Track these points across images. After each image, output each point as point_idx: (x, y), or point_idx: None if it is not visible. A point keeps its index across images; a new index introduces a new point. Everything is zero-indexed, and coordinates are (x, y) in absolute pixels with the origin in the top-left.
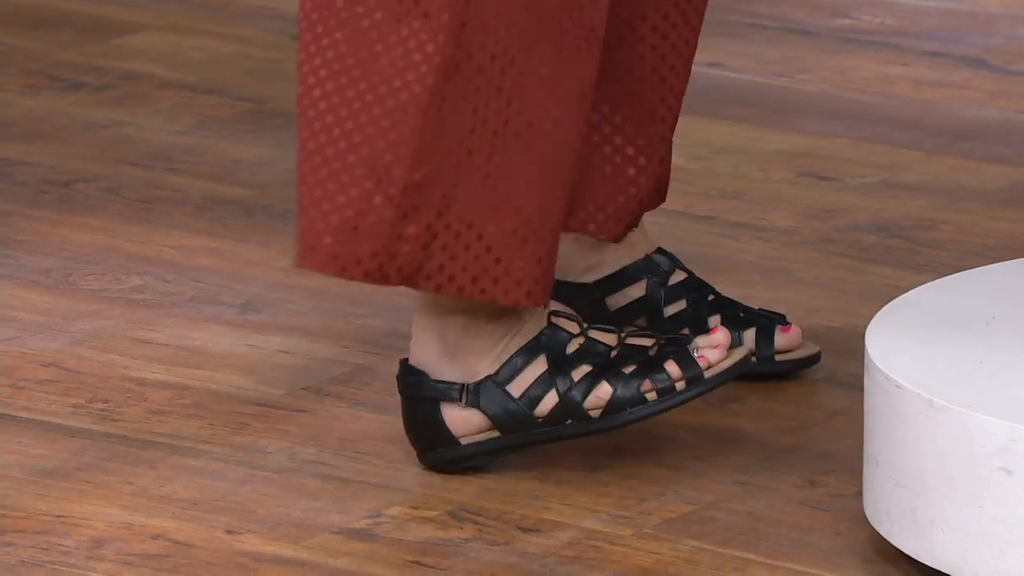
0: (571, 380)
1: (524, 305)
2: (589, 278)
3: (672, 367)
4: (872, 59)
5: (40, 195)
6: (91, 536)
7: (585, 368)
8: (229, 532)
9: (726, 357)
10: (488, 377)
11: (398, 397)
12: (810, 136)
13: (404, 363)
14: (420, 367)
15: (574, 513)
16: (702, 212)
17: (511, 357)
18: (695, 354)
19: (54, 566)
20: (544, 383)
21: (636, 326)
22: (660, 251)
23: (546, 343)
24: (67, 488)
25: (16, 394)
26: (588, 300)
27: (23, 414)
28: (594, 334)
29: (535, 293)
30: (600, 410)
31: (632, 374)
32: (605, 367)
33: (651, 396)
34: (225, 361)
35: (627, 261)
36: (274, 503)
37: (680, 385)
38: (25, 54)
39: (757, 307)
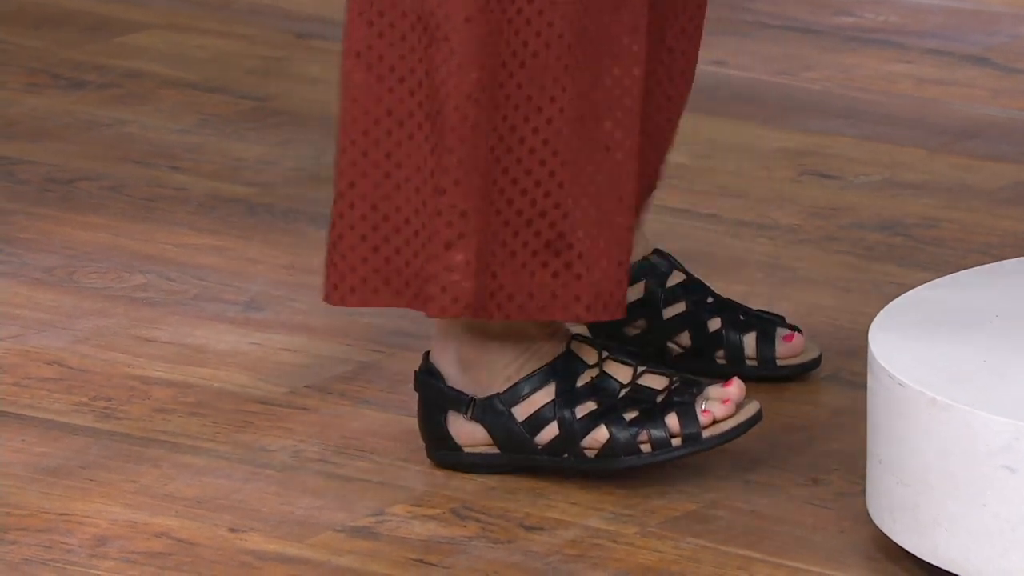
0: (574, 416)
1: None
2: None
3: (672, 421)
4: (875, 57)
5: (43, 193)
6: (94, 534)
7: (590, 405)
8: (232, 530)
9: (732, 414)
10: (496, 395)
11: (401, 395)
12: (813, 134)
13: (426, 358)
14: (438, 368)
15: (577, 511)
16: (705, 210)
17: (521, 380)
18: (701, 407)
19: (57, 564)
20: (548, 413)
21: (636, 327)
22: (658, 252)
23: (559, 371)
24: (70, 486)
25: (19, 392)
26: None
27: (26, 412)
28: (609, 367)
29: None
30: (596, 451)
31: (632, 422)
32: (609, 409)
33: (646, 448)
34: (228, 359)
35: None
36: (277, 501)
37: (676, 441)
38: (28, 52)
39: (757, 308)
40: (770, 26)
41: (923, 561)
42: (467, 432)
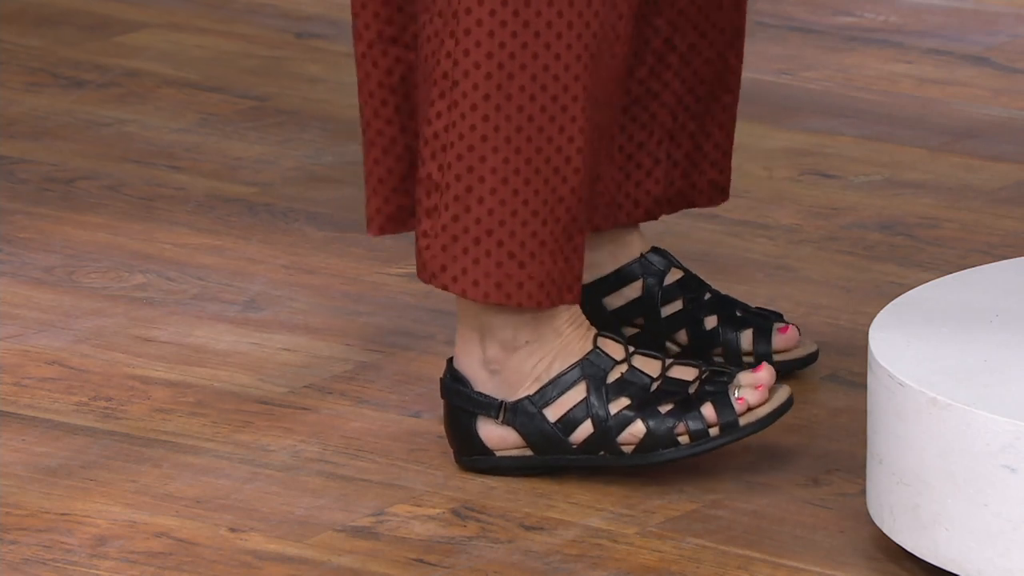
0: (608, 412)
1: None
2: (586, 279)
3: (708, 411)
4: (875, 57)
5: (42, 193)
6: (94, 534)
7: (623, 401)
8: (232, 530)
9: (766, 400)
10: (526, 397)
11: (401, 395)
12: (814, 134)
13: (450, 364)
14: (463, 373)
15: (578, 511)
16: (705, 210)
17: (551, 380)
18: (734, 395)
19: (57, 564)
20: (581, 411)
21: (634, 325)
22: (655, 250)
23: (588, 369)
24: (70, 486)
25: (19, 392)
26: (585, 301)
27: (26, 412)
28: (638, 362)
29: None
30: (633, 447)
31: (667, 414)
32: (643, 403)
33: (684, 440)
34: (228, 359)
35: (623, 261)
36: (277, 501)
37: (714, 431)
38: (28, 52)
39: (755, 306)
40: (770, 26)
41: (923, 561)
42: (498, 436)
